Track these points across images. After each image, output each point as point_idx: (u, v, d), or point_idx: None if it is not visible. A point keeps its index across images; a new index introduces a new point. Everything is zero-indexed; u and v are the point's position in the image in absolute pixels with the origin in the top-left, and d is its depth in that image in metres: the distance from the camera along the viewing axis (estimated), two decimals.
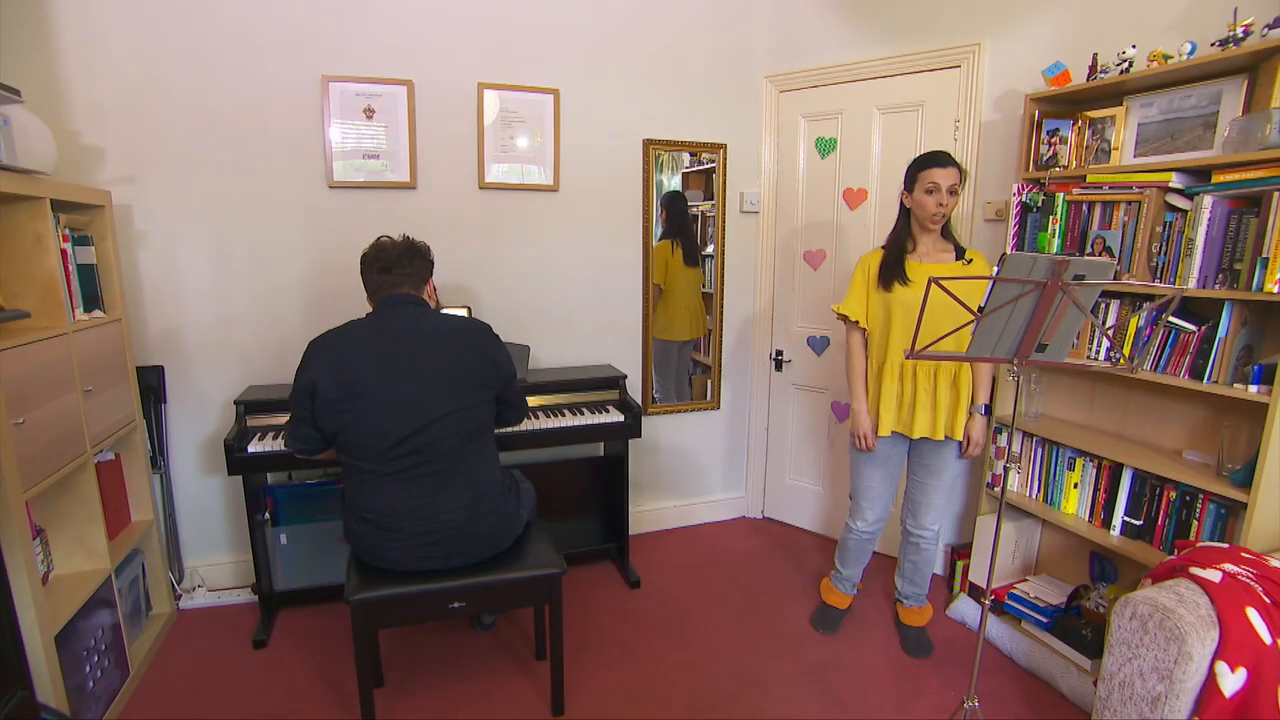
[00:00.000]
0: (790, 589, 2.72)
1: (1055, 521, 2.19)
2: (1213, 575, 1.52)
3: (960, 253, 2.11)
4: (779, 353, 3.18)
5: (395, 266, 1.84)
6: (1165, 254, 1.86)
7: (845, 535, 2.39)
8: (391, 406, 1.71)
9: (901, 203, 2.13)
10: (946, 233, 2.13)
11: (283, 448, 2.19)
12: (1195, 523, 1.85)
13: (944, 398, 2.11)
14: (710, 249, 3.12)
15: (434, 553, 1.77)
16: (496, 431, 2.01)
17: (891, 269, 2.10)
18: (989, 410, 2.17)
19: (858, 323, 2.17)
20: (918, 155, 2.08)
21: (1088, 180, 2.03)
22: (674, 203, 3.02)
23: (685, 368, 3.21)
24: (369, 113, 2.50)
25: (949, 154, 2.02)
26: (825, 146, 2.92)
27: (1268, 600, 1.46)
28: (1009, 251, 2.25)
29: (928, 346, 1.56)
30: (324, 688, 2.10)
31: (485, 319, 2.72)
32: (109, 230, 2.13)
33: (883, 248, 2.16)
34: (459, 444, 1.78)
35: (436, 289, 2.05)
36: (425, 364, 1.76)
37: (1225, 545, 1.68)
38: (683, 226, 3.05)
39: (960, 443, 2.16)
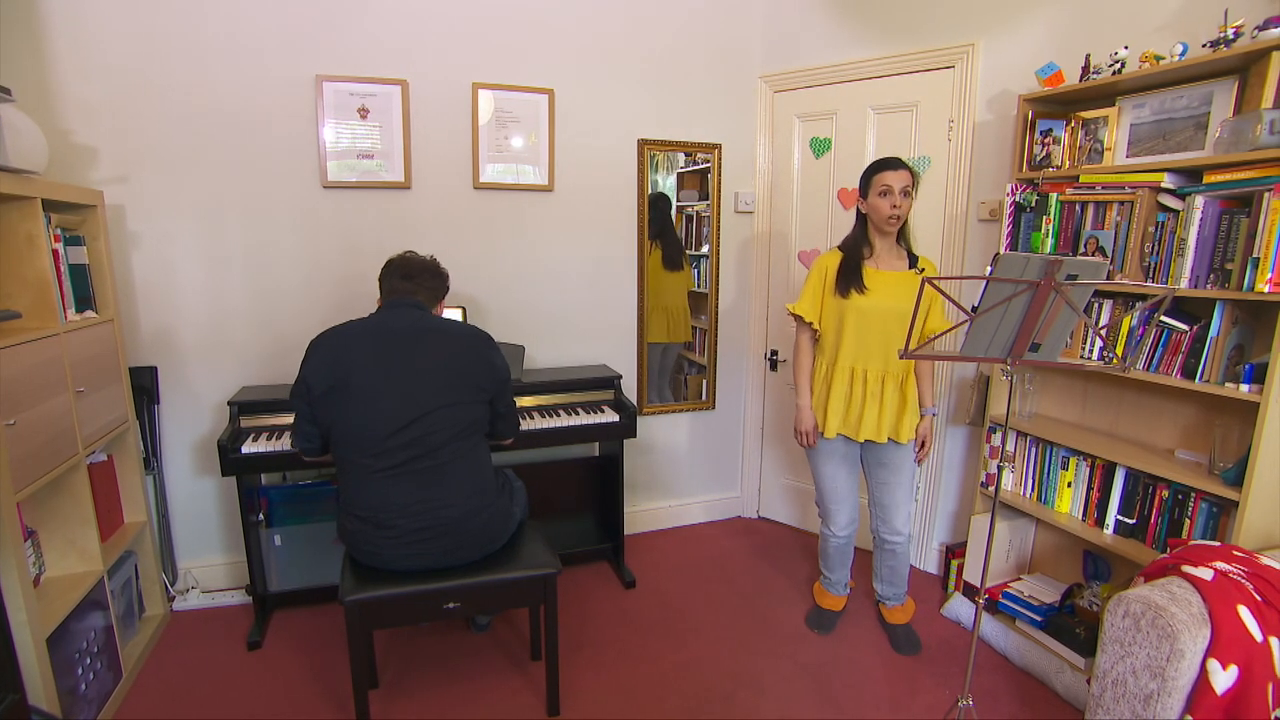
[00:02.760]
0: (785, 589, 2.73)
1: (1049, 520, 2.20)
2: (1204, 573, 1.53)
3: (913, 260, 2.16)
4: (774, 353, 3.18)
5: (417, 275, 1.90)
6: (1157, 254, 1.87)
7: (823, 543, 2.41)
8: (385, 398, 1.72)
9: (858, 209, 2.17)
10: (901, 239, 2.18)
11: (277, 448, 2.20)
12: (1187, 521, 1.86)
13: (890, 401, 2.14)
14: (705, 249, 3.12)
15: (428, 550, 1.77)
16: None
17: (849, 277, 2.13)
18: (936, 412, 2.20)
19: (810, 323, 2.21)
20: (870, 162, 2.14)
21: (1081, 180, 2.04)
22: (655, 204, 3.00)
23: (669, 370, 3.21)
24: (363, 112, 2.49)
25: (900, 158, 2.09)
26: (820, 146, 2.93)
27: (1259, 598, 1.47)
28: (1002, 251, 2.26)
29: (920, 347, 1.57)
30: (319, 689, 2.10)
31: (480, 319, 2.74)
32: (101, 230, 2.12)
33: (840, 249, 2.20)
34: (451, 439, 1.78)
35: None
36: (421, 360, 1.77)
37: (1217, 543, 1.69)
38: (664, 230, 3.03)
39: (913, 443, 2.19)
